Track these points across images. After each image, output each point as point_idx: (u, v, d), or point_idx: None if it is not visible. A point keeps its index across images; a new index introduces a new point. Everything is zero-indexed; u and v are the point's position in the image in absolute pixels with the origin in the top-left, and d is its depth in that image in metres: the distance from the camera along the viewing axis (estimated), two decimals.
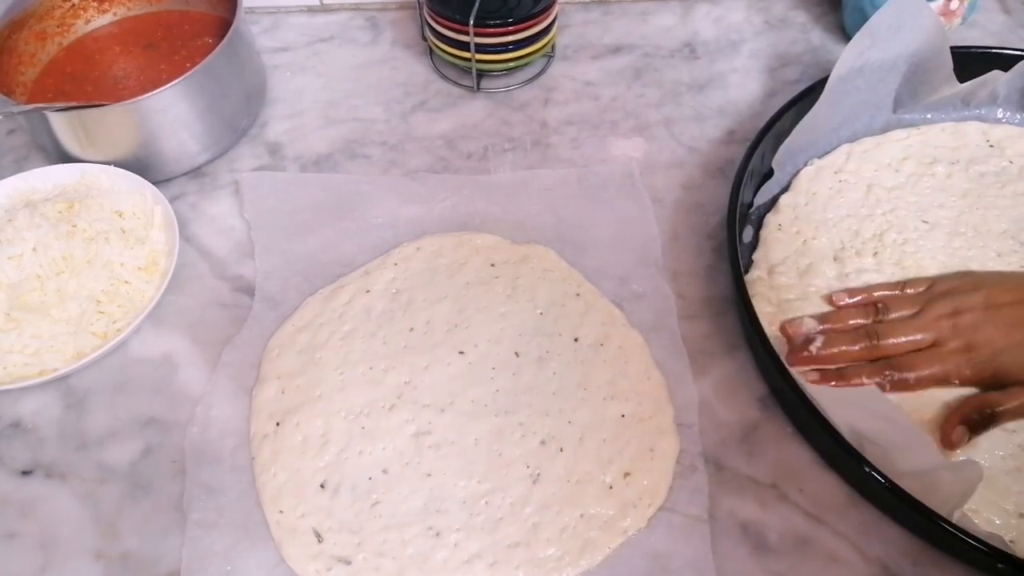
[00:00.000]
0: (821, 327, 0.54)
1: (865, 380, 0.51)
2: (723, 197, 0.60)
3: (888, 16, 0.61)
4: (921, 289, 0.55)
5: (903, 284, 0.56)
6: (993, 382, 0.50)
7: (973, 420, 0.49)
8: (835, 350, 0.52)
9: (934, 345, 0.52)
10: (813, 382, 0.51)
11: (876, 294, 0.55)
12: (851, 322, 0.54)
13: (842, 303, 0.55)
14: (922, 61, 0.64)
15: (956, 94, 0.65)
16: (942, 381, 0.51)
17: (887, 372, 0.51)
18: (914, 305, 0.54)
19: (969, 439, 0.49)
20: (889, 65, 0.63)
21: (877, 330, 0.53)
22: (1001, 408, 0.49)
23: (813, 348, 0.53)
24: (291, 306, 0.59)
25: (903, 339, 0.52)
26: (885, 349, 0.52)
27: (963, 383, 0.51)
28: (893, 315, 0.54)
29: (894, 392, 0.51)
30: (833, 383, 0.52)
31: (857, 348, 0.52)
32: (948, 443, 0.49)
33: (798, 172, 0.63)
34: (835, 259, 0.58)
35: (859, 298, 0.55)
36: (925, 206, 0.60)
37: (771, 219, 0.61)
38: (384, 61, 0.77)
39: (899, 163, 0.63)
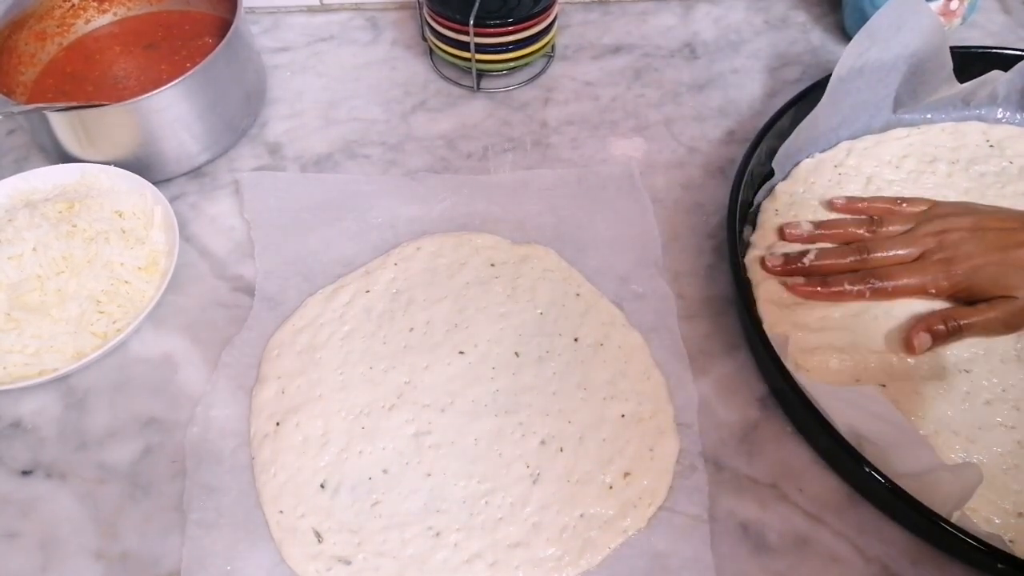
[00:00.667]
0: (818, 231, 0.57)
1: (847, 287, 0.54)
2: (723, 197, 0.60)
3: (887, 17, 0.61)
4: (919, 209, 0.57)
5: (901, 200, 0.58)
6: (967, 297, 0.53)
7: (938, 329, 0.51)
8: (826, 262, 0.55)
9: (918, 260, 0.54)
10: (800, 287, 0.54)
11: (875, 205, 0.58)
12: (844, 230, 0.57)
13: (840, 205, 0.59)
14: (921, 61, 0.64)
15: (956, 94, 0.65)
16: (919, 291, 0.54)
17: (869, 280, 0.54)
18: (908, 222, 0.56)
19: (931, 347, 0.51)
20: (889, 65, 0.63)
21: (867, 245, 0.55)
22: (966, 321, 0.51)
23: (806, 260, 0.55)
24: (291, 306, 0.59)
25: (890, 253, 0.55)
26: (873, 262, 0.55)
27: (939, 294, 0.54)
28: (887, 228, 0.56)
29: (874, 299, 0.54)
30: (818, 289, 0.54)
31: (847, 261, 0.55)
32: (909, 346, 0.51)
33: (798, 164, 0.63)
34: None
35: (858, 206, 0.58)
36: None
37: (767, 205, 0.61)
38: (384, 61, 0.77)
39: (899, 160, 0.63)
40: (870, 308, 0.55)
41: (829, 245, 0.57)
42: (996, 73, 0.64)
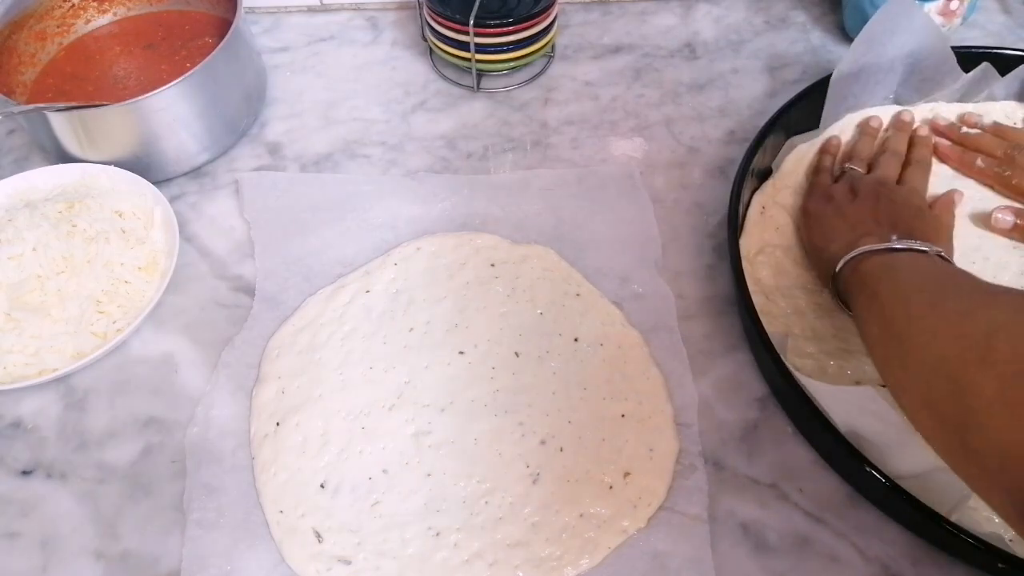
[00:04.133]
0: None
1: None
2: (723, 197, 0.60)
3: (882, 22, 0.61)
4: None
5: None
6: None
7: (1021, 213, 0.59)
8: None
9: None
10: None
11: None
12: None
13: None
14: (919, 62, 0.63)
15: (956, 91, 0.65)
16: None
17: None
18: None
19: (1010, 231, 0.58)
20: (886, 68, 0.63)
21: None
22: None
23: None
24: (291, 306, 0.59)
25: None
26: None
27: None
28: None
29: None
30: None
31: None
32: (989, 223, 0.59)
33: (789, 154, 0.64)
34: None
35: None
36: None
37: (756, 200, 0.61)
38: (384, 61, 0.77)
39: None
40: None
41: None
42: (988, 67, 0.64)
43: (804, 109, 0.62)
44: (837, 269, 0.52)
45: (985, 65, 0.64)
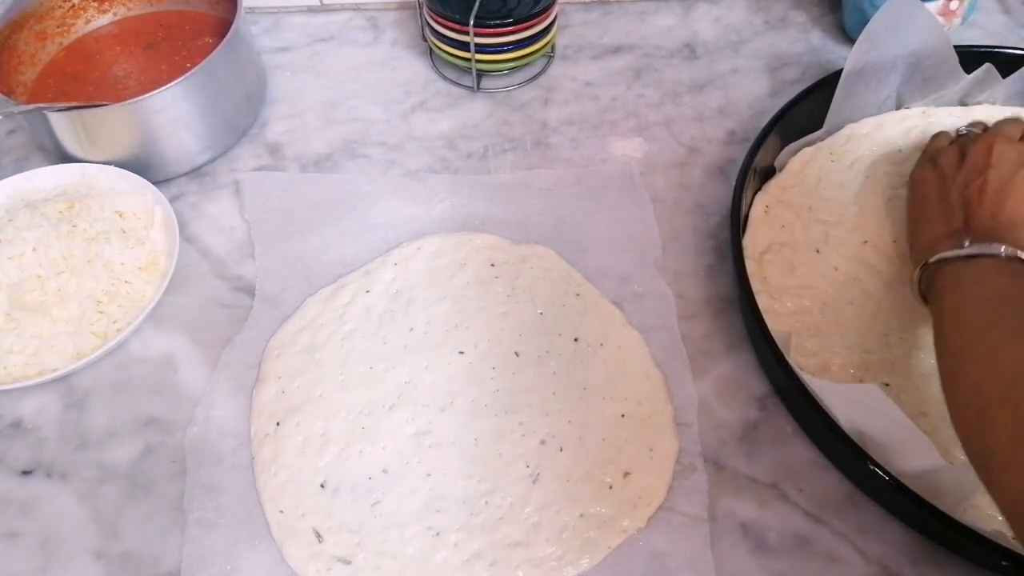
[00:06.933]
0: None
1: None
2: (723, 197, 0.60)
3: (884, 19, 0.61)
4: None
5: None
6: None
7: None
8: None
9: None
10: None
11: None
12: None
13: None
14: (921, 60, 0.63)
15: (955, 93, 0.65)
16: None
17: None
18: None
19: None
20: (888, 66, 0.63)
21: None
22: None
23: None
24: (291, 306, 0.59)
25: None
26: None
27: None
28: None
29: None
30: None
31: None
32: None
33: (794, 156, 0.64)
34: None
35: None
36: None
37: (759, 200, 0.61)
38: (384, 61, 0.77)
39: (902, 141, 0.64)
40: (862, 312, 0.55)
41: None
42: (990, 68, 0.64)
43: (805, 109, 0.62)
44: (916, 273, 0.50)
45: (987, 66, 0.63)
